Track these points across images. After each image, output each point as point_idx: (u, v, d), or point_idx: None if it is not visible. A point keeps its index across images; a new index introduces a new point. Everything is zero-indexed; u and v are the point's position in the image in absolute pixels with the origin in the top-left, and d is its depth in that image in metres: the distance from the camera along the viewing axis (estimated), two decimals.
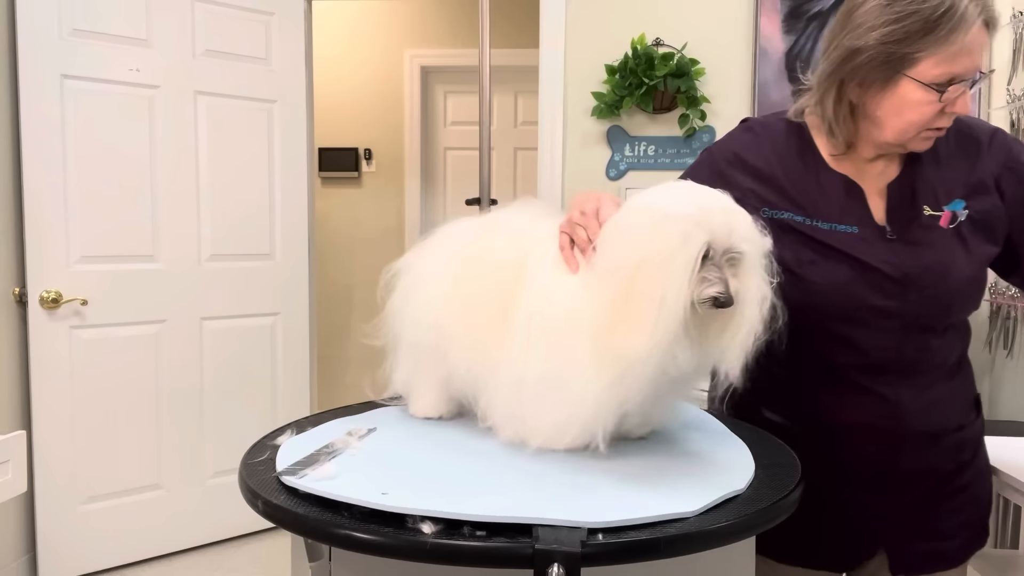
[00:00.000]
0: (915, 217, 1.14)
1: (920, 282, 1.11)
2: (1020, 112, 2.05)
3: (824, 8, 2.57)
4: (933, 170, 1.17)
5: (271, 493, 0.87)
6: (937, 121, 1.08)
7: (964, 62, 1.05)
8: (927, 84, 1.05)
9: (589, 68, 2.93)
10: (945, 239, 1.13)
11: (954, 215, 1.14)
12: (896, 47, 1.05)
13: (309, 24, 3.21)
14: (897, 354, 1.12)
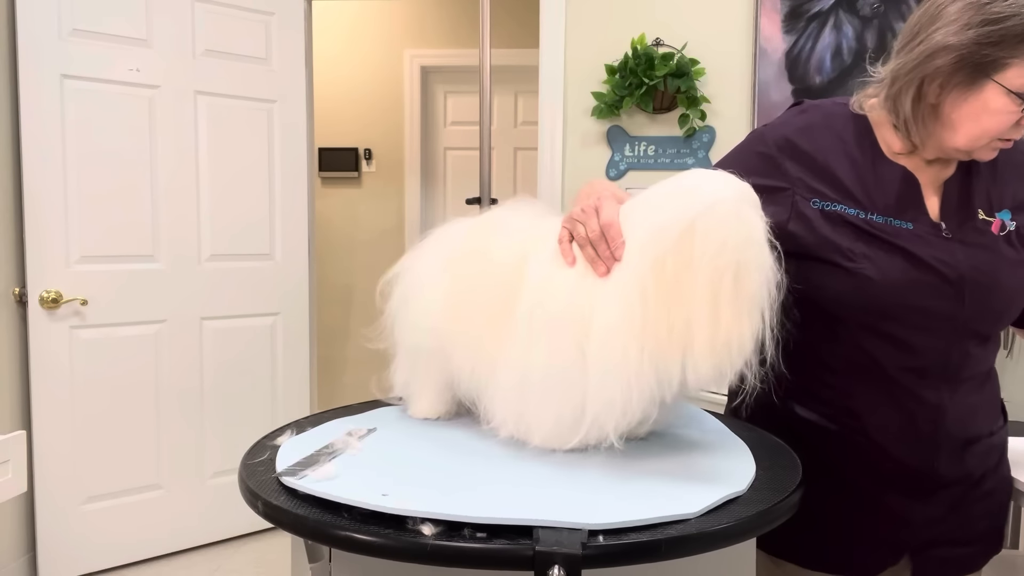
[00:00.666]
0: (970, 219, 1.12)
1: (975, 285, 1.08)
2: None
3: (824, 8, 2.57)
4: (987, 176, 1.15)
5: (271, 494, 0.86)
6: (1012, 132, 1.06)
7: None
8: (1013, 92, 1.02)
9: (589, 68, 2.93)
10: (998, 245, 1.11)
11: (1004, 224, 1.13)
12: (991, 49, 1.01)
13: (309, 24, 3.20)
14: (944, 357, 1.10)
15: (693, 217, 0.87)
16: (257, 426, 2.98)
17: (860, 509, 1.13)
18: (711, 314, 0.84)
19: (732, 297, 0.84)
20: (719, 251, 0.84)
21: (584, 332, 0.90)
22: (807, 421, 1.15)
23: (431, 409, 1.12)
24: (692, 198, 0.90)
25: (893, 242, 1.08)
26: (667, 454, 0.99)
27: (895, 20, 2.40)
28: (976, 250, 1.10)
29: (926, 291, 1.08)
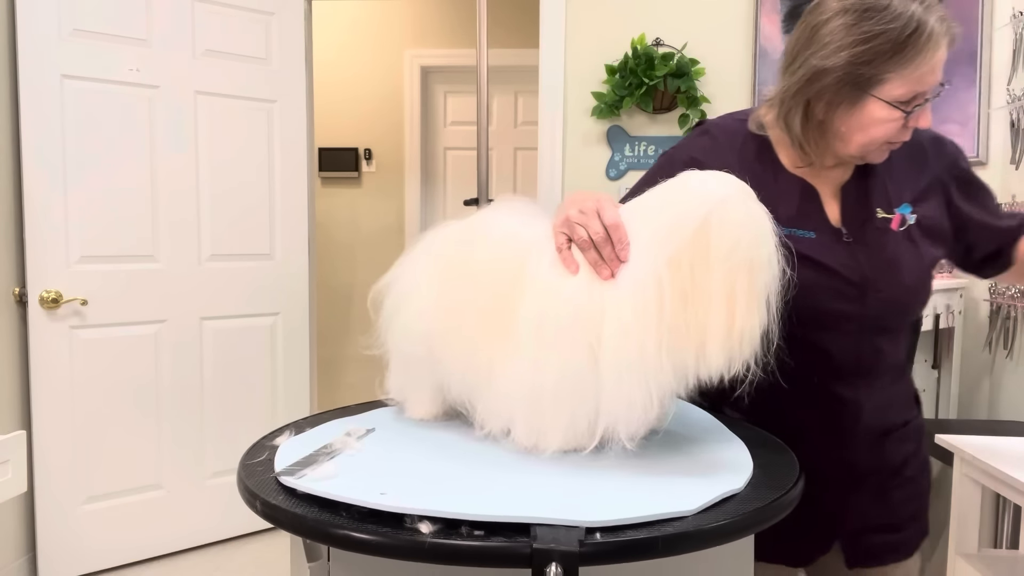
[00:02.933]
0: (868, 219, 1.17)
1: (877, 284, 1.13)
2: (1020, 112, 2.05)
3: None
4: (884, 174, 1.20)
5: (270, 493, 0.86)
6: (899, 135, 1.11)
7: (929, 80, 1.07)
8: (892, 104, 1.07)
9: (589, 68, 2.94)
10: (897, 241, 1.16)
11: (903, 218, 1.18)
12: (865, 68, 1.05)
13: (309, 24, 3.21)
14: (855, 356, 1.15)
15: (706, 214, 0.88)
16: (257, 426, 2.98)
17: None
18: (727, 308, 0.86)
19: (746, 291, 0.86)
20: (734, 247, 0.86)
21: (596, 336, 0.90)
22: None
23: (426, 411, 1.13)
24: (701, 196, 0.90)
25: (798, 251, 1.07)
26: (664, 451, 0.99)
27: None
28: (876, 250, 1.15)
29: (832, 295, 1.13)
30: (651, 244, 0.90)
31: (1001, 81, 2.16)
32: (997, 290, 2.10)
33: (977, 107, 2.20)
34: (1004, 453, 1.50)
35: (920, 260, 1.17)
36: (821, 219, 1.16)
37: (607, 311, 0.90)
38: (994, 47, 2.18)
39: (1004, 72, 2.15)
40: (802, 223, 1.15)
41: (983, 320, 2.19)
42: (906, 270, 1.15)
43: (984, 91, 2.19)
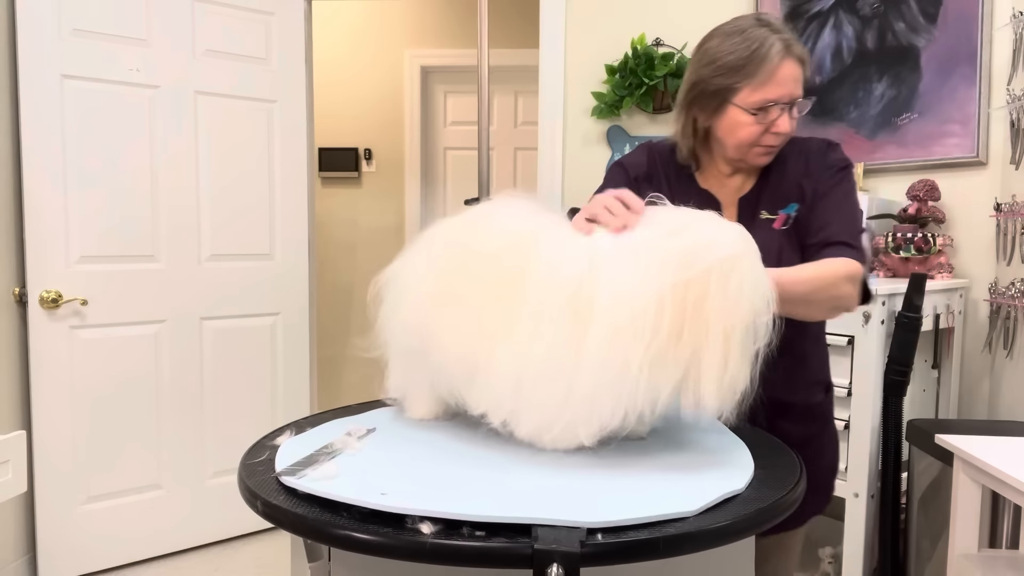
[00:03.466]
0: (754, 220, 1.37)
1: None
2: (1020, 112, 2.05)
3: (824, 8, 2.57)
4: (776, 182, 1.40)
5: (270, 493, 0.86)
6: (765, 139, 1.32)
7: (776, 90, 1.28)
8: (746, 109, 1.29)
9: (589, 68, 2.93)
10: (772, 237, 1.34)
11: (788, 217, 1.36)
12: (720, 79, 1.31)
13: (309, 24, 3.20)
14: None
15: (717, 263, 0.91)
16: (257, 426, 2.98)
17: None
18: (722, 354, 0.89)
19: (742, 346, 0.89)
20: (737, 303, 0.90)
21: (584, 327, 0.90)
22: None
23: (426, 410, 1.13)
24: (716, 243, 0.93)
25: None
26: (666, 453, 0.99)
27: (895, 20, 2.40)
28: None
29: None
30: (660, 264, 0.91)
31: (1001, 81, 2.16)
32: (997, 290, 2.10)
33: (977, 107, 2.20)
34: (1004, 453, 1.50)
35: (793, 252, 1.34)
36: None
37: (607, 301, 0.90)
38: (994, 47, 2.18)
39: (1004, 72, 2.15)
40: None
41: (983, 320, 2.19)
42: (782, 260, 1.30)
43: (984, 91, 2.19)
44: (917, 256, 2.20)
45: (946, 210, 2.27)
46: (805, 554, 2.29)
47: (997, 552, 1.64)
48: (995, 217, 2.13)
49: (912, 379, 1.94)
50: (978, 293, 2.22)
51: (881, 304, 1.90)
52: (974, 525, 1.57)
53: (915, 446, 1.97)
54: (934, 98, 2.31)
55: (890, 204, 2.33)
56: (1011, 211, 2.05)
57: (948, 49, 2.27)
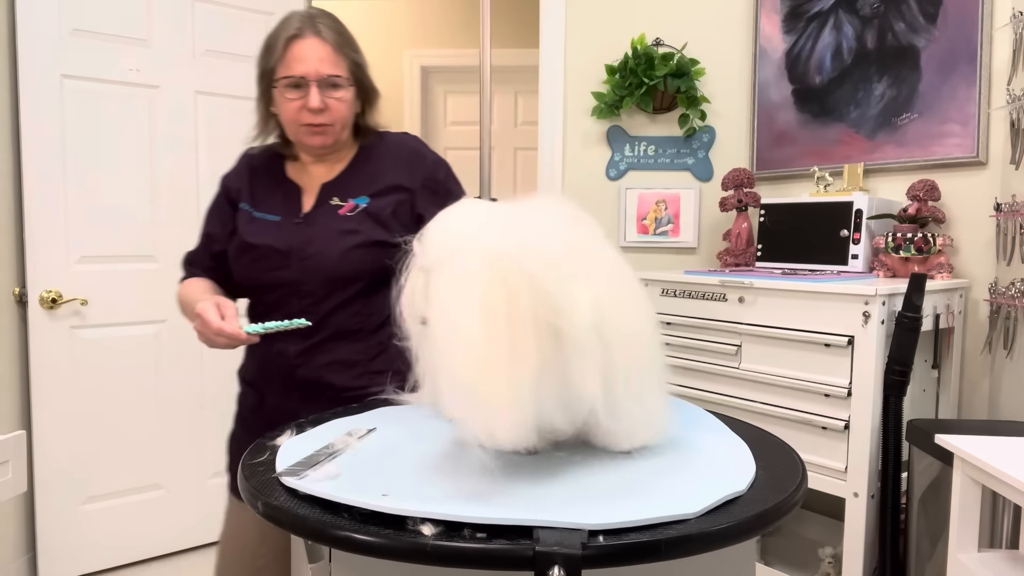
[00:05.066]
0: (323, 206, 1.45)
1: (303, 254, 1.40)
2: (1020, 112, 2.05)
3: (824, 8, 2.57)
4: (360, 172, 1.49)
5: (271, 494, 0.86)
6: (304, 116, 1.40)
7: (297, 66, 1.38)
8: (279, 87, 1.40)
9: (589, 68, 2.93)
10: (335, 221, 1.42)
11: (355, 206, 1.44)
12: (264, 62, 1.44)
13: None
14: (288, 315, 1.32)
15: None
16: None
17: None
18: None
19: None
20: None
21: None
22: (241, 390, 1.56)
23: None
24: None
25: (260, 231, 1.44)
26: (667, 454, 0.99)
27: (895, 20, 2.40)
28: (312, 228, 1.42)
29: (272, 263, 1.41)
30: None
31: (1001, 81, 2.16)
32: (997, 290, 2.10)
33: (977, 107, 2.20)
34: (1004, 453, 1.50)
35: (354, 237, 1.40)
36: (291, 208, 1.46)
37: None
38: (994, 47, 2.18)
39: (1004, 72, 2.15)
40: (275, 210, 1.46)
41: (983, 320, 2.19)
42: (335, 244, 1.39)
43: (984, 91, 2.19)
44: (917, 256, 2.20)
45: (946, 210, 2.27)
46: (805, 554, 2.30)
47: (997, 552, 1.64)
48: (995, 217, 2.13)
49: (912, 379, 1.94)
50: (978, 293, 2.22)
51: (881, 304, 1.90)
52: (974, 525, 1.58)
53: (915, 446, 1.97)
54: (934, 98, 2.31)
55: (890, 204, 2.33)
56: (1011, 211, 2.05)
57: (948, 49, 2.27)
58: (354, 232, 1.41)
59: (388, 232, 1.42)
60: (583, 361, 0.85)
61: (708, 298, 2.27)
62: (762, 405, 2.13)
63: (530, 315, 0.82)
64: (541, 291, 0.83)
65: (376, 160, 1.50)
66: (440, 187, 1.52)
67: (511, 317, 0.82)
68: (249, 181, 1.52)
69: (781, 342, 2.08)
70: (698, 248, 2.92)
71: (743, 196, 2.66)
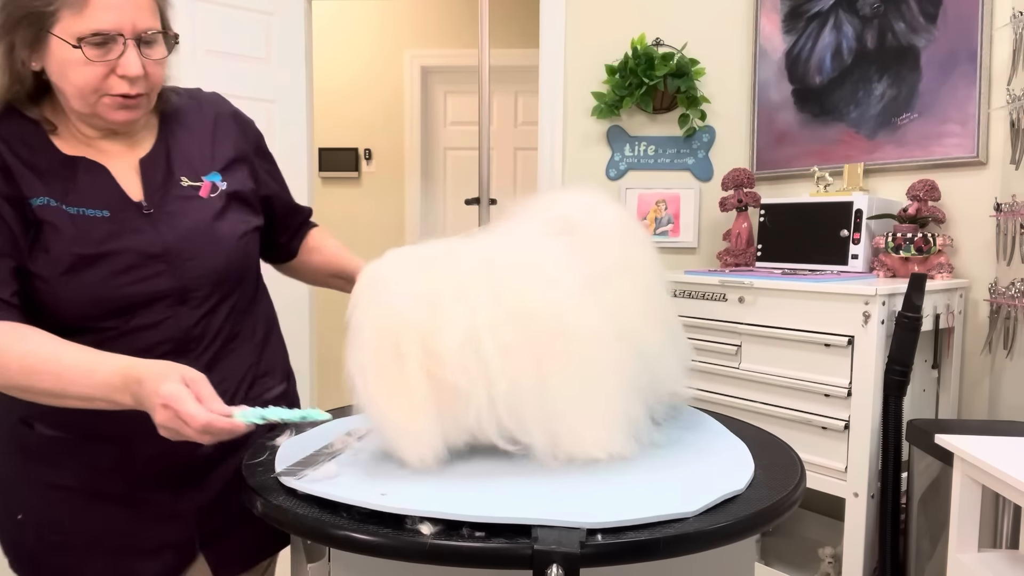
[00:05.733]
0: (172, 188, 1.11)
1: (184, 254, 1.08)
2: (1020, 112, 2.05)
3: (824, 8, 2.57)
4: (187, 142, 1.16)
5: (270, 494, 0.86)
6: (112, 85, 1.02)
7: (106, 17, 0.97)
8: (71, 43, 0.97)
9: (589, 68, 2.93)
10: (206, 209, 1.12)
11: (214, 186, 1.14)
12: (28, 1, 0.97)
13: (309, 24, 3.20)
14: (177, 334, 1.07)
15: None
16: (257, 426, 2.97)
17: (122, 517, 1.09)
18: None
19: None
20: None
21: None
22: (48, 437, 1.08)
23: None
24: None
25: (92, 235, 1.02)
26: (666, 453, 0.99)
27: (895, 20, 2.40)
28: (181, 218, 1.09)
29: (132, 275, 1.04)
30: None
31: (1001, 81, 2.15)
32: (997, 290, 2.10)
33: (977, 107, 2.20)
34: (1004, 453, 1.50)
35: (235, 226, 1.14)
36: (117, 196, 1.07)
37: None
38: (994, 47, 2.17)
39: (1004, 72, 2.15)
40: (93, 202, 1.05)
41: (983, 320, 2.19)
42: (220, 237, 1.11)
43: (984, 91, 2.19)
44: (917, 256, 2.20)
45: (946, 210, 2.27)
46: (805, 554, 2.29)
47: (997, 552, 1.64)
48: (995, 217, 2.12)
49: (912, 379, 1.93)
50: (978, 293, 2.22)
51: (881, 304, 1.90)
52: (974, 525, 1.57)
53: (915, 446, 1.96)
54: (934, 98, 2.31)
55: (890, 204, 2.33)
56: (1011, 211, 2.05)
57: (948, 49, 2.27)
58: (230, 218, 1.14)
59: (256, 214, 1.22)
60: (458, 393, 0.88)
61: (708, 298, 2.27)
62: (762, 405, 2.13)
63: (408, 356, 0.89)
64: (415, 331, 0.89)
65: (193, 127, 1.18)
66: (270, 157, 1.31)
67: (396, 357, 0.89)
68: (11, 165, 1.03)
69: (781, 342, 2.08)
70: (698, 248, 2.92)
71: (743, 196, 2.66)
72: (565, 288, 0.93)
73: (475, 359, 0.88)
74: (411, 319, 0.89)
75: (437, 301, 0.90)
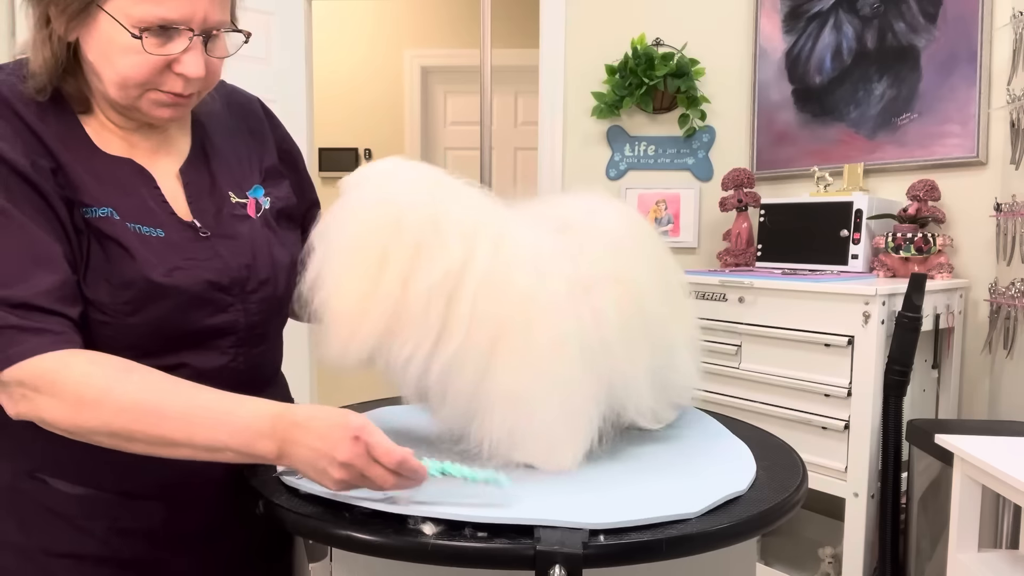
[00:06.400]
0: (222, 206, 0.95)
1: (249, 285, 0.94)
2: (1020, 112, 2.05)
3: (824, 8, 2.57)
4: (226, 148, 1.00)
5: (272, 493, 0.86)
6: (164, 81, 0.87)
7: (176, 5, 0.82)
8: (126, 25, 0.82)
9: (589, 68, 2.93)
10: (257, 231, 0.97)
11: (258, 203, 0.99)
12: None
13: (309, 24, 3.20)
14: (238, 378, 0.92)
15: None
16: None
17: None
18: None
19: None
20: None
21: None
22: (72, 495, 0.90)
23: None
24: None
25: (160, 255, 0.88)
26: (667, 454, 0.99)
27: (895, 20, 2.40)
28: (241, 243, 0.95)
29: (204, 307, 0.90)
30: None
31: (1001, 81, 2.15)
32: (997, 290, 2.10)
33: (977, 107, 2.20)
34: (1004, 453, 1.50)
35: (285, 249, 0.99)
36: (167, 212, 0.91)
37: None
38: (994, 47, 2.18)
39: (1004, 72, 2.15)
40: (147, 218, 0.89)
41: (983, 320, 2.19)
42: (276, 263, 0.97)
43: (984, 91, 2.19)
44: (917, 256, 2.20)
45: (946, 210, 2.27)
46: (805, 554, 2.29)
47: (997, 552, 1.64)
48: (995, 217, 2.13)
49: (912, 379, 1.94)
50: (978, 293, 2.22)
51: (881, 304, 1.90)
52: (974, 525, 1.57)
53: (915, 446, 1.97)
54: (934, 98, 2.31)
55: (890, 204, 2.33)
56: (1011, 211, 2.05)
57: (948, 49, 2.27)
58: (282, 243, 1.00)
59: (298, 227, 1.07)
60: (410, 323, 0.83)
61: (708, 298, 2.27)
62: (762, 405, 2.13)
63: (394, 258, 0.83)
64: (413, 234, 0.84)
65: (228, 130, 1.02)
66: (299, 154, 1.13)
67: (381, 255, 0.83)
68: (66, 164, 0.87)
69: (781, 342, 2.08)
70: (698, 248, 2.92)
71: (743, 196, 2.66)
72: (551, 287, 0.87)
73: (444, 303, 0.83)
74: (413, 220, 0.83)
75: (441, 223, 0.84)
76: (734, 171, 2.68)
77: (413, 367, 0.84)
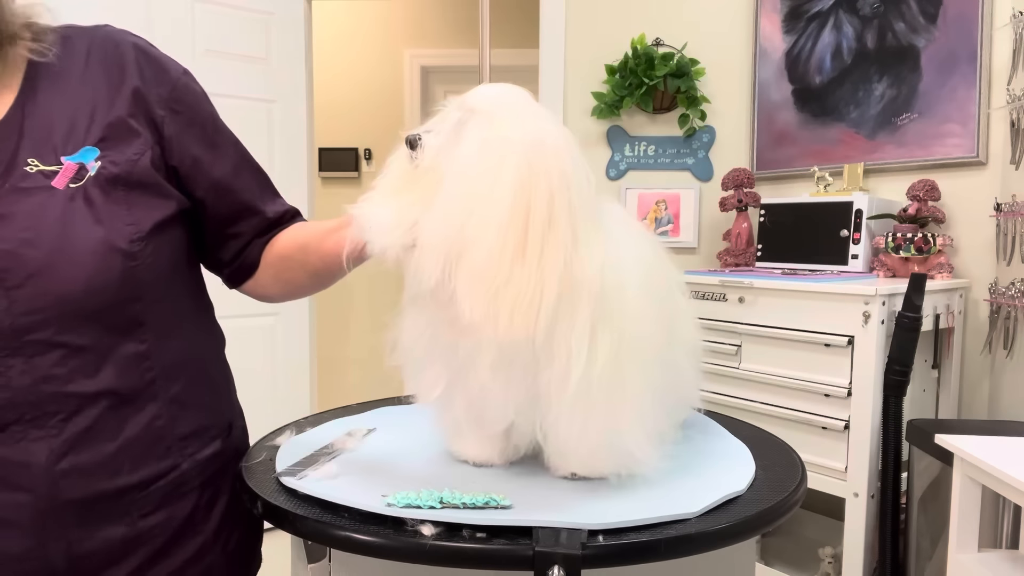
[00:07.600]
0: (8, 178, 0.78)
1: (11, 278, 0.75)
2: (1020, 112, 2.05)
3: (824, 8, 2.57)
4: (56, 104, 0.82)
5: (270, 494, 0.86)
6: None
7: None
8: None
9: (589, 68, 2.93)
10: (54, 206, 0.77)
11: (80, 168, 0.80)
12: None
13: (309, 24, 3.20)
14: (12, 396, 0.76)
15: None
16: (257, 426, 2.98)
17: None
18: None
19: None
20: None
21: None
22: None
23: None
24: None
25: None
26: (666, 454, 0.98)
27: (895, 20, 2.40)
28: (19, 224, 0.76)
29: None
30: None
31: (1001, 81, 2.15)
32: (997, 290, 2.10)
33: (977, 107, 2.20)
34: (1004, 453, 1.50)
35: (102, 228, 0.79)
36: None
37: None
38: (994, 47, 2.18)
39: (1004, 72, 2.15)
40: None
41: (983, 320, 2.19)
42: (75, 247, 0.77)
43: (984, 91, 2.19)
44: (917, 256, 2.20)
45: (946, 210, 2.27)
46: (805, 554, 2.29)
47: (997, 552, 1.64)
48: (995, 217, 2.12)
49: (912, 379, 1.94)
50: (978, 293, 2.22)
51: (881, 304, 1.90)
52: (974, 525, 1.57)
53: (915, 446, 1.97)
54: (934, 98, 2.31)
55: (890, 204, 2.33)
56: (1011, 211, 2.05)
57: (948, 49, 2.27)
58: (101, 220, 0.79)
59: (158, 207, 0.86)
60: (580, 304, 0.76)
61: (708, 298, 2.27)
62: (762, 405, 2.13)
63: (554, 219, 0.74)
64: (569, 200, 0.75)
65: (70, 82, 0.84)
66: (209, 120, 0.95)
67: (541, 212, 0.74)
68: None
69: (781, 342, 2.08)
70: (698, 248, 2.92)
71: (743, 196, 2.66)
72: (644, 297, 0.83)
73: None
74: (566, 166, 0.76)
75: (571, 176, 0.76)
76: (734, 171, 2.68)
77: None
